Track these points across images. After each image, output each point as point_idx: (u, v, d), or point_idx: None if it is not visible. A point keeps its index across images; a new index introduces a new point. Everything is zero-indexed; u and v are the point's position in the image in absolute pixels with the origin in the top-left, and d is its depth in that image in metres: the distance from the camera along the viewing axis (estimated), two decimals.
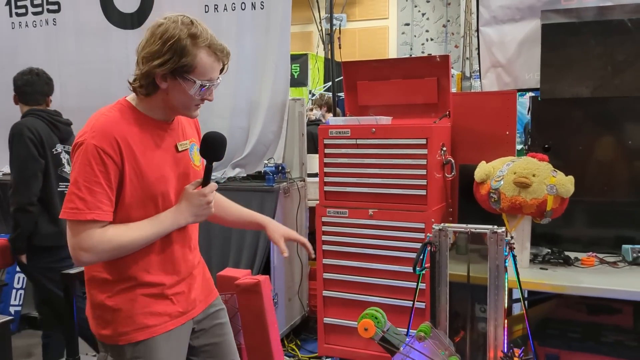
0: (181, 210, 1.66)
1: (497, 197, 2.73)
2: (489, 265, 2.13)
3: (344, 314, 3.13)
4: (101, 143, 1.53)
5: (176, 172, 1.70)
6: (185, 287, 1.75)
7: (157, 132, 1.66)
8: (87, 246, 1.54)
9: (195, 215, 1.68)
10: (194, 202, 1.66)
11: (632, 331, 2.82)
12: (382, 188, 2.99)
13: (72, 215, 1.53)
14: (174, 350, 1.72)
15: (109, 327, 1.66)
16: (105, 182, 1.54)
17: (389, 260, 2.96)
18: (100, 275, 1.66)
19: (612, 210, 3.14)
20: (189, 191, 1.66)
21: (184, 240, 1.75)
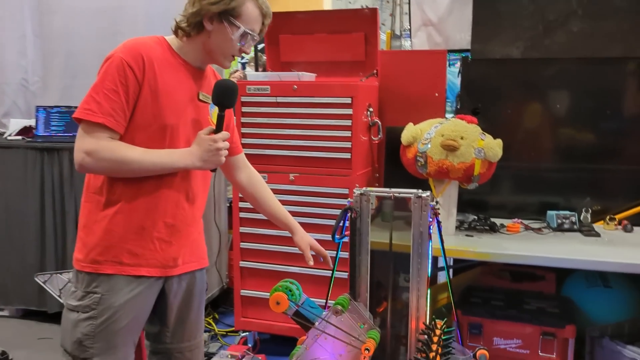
0: (191, 152, 1.65)
1: (423, 160, 2.61)
2: (413, 232, 2.00)
3: (262, 285, 2.96)
4: (128, 57, 1.58)
5: (191, 117, 1.72)
6: (173, 239, 1.72)
7: (185, 74, 1.70)
8: (90, 149, 1.55)
9: (203, 161, 1.66)
10: (203, 146, 1.65)
11: (555, 298, 2.83)
12: (304, 151, 2.80)
13: (84, 115, 1.56)
14: (136, 301, 1.68)
15: (84, 250, 1.66)
16: (124, 95, 1.58)
17: (311, 228, 2.78)
18: (96, 195, 1.66)
19: (537, 176, 3.13)
20: (201, 136, 1.66)
21: (183, 187, 1.72)
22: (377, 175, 3.14)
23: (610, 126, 3.00)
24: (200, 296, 1.89)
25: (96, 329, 1.64)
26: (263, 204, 2.03)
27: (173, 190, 1.70)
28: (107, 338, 1.65)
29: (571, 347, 2.53)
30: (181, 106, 1.68)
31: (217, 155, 1.66)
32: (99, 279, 1.65)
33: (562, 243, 2.60)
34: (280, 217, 2.05)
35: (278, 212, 2.05)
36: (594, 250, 2.47)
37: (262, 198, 2.02)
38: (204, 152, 1.65)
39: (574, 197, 3.08)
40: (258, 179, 2.02)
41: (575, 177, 3.08)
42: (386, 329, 2.21)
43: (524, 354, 2.60)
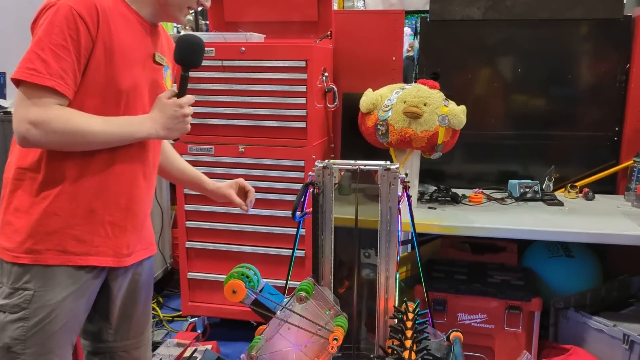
0: (153, 119, 1.43)
1: (385, 129, 2.44)
2: (381, 208, 1.83)
3: (210, 267, 2.74)
4: (79, 7, 1.31)
5: (148, 80, 1.49)
6: (128, 222, 1.50)
7: (141, 31, 1.46)
8: (38, 119, 1.28)
9: (168, 129, 1.44)
10: (167, 112, 1.43)
11: (518, 269, 2.76)
12: (254, 120, 2.57)
13: (28, 76, 1.28)
14: (76, 297, 1.44)
15: (16, 238, 1.39)
16: (75, 52, 1.32)
17: (264, 204, 2.60)
18: (31, 172, 1.39)
19: (497, 144, 3.03)
20: (163, 100, 1.44)
21: (140, 161, 1.50)
22: (332, 146, 2.95)
23: (570, 91, 2.94)
24: (148, 287, 1.67)
25: (28, 331, 1.40)
26: (170, 165, 1.78)
27: (128, 165, 1.47)
28: (41, 342, 1.41)
29: (537, 320, 2.47)
30: (138, 68, 1.45)
31: (183, 123, 1.45)
32: (32, 272, 1.40)
33: (527, 213, 2.52)
34: (191, 175, 1.82)
35: (187, 170, 1.81)
36: (559, 221, 2.39)
37: (170, 159, 1.78)
38: (169, 119, 1.43)
39: (534, 165, 3.02)
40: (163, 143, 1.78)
41: (535, 144, 3.01)
42: (351, 312, 2.06)
43: (489, 328, 2.53)
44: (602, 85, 2.89)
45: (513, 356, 2.42)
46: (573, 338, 2.50)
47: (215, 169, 2.62)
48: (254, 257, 2.67)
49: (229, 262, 2.71)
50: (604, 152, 2.94)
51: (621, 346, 2.31)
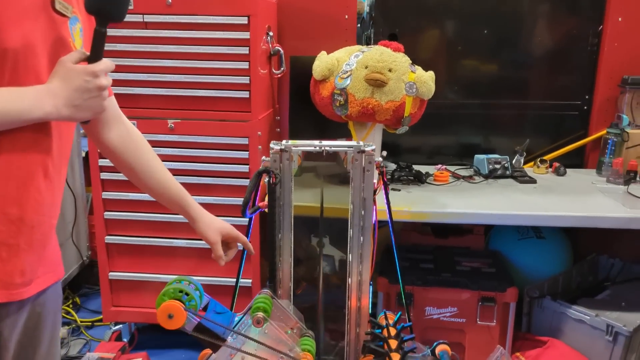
0: (53, 92, 1.00)
1: (343, 99, 2.09)
2: (352, 200, 1.49)
3: (135, 264, 2.33)
4: None
5: (46, 37, 1.04)
6: (21, 240, 1.06)
7: None
8: None
9: (74, 106, 1.02)
10: (74, 82, 1.01)
11: (486, 254, 2.53)
12: (185, 89, 2.14)
13: None
14: None
15: None
16: None
17: (199, 190, 2.20)
18: None
19: (457, 115, 2.76)
20: (68, 65, 1.01)
21: (37, 154, 1.06)
22: (278, 119, 2.57)
23: (538, 56, 2.70)
24: (54, 323, 1.24)
25: None
26: (146, 177, 1.36)
27: (20, 160, 1.04)
28: None
29: (512, 312, 2.25)
30: (28, 19, 1.01)
31: (97, 98, 1.03)
32: None
33: (500, 194, 2.27)
34: (172, 195, 1.40)
35: (169, 187, 1.39)
36: (536, 202, 2.16)
37: (144, 167, 1.35)
38: (76, 93, 1.01)
39: (496, 137, 2.80)
40: (137, 140, 1.35)
41: (499, 114, 2.78)
42: (318, 327, 1.74)
43: (460, 322, 2.29)
44: (571, 49, 2.67)
45: (485, 351, 2.18)
46: (549, 329, 2.30)
47: None
48: (187, 252, 2.28)
49: (158, 258, 2.31)
50: (572, 122, 2.74)
51: (604, 338, 2.12)
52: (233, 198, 2.19)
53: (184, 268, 2.30)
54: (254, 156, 2.16)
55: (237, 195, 2.18)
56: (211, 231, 1.39)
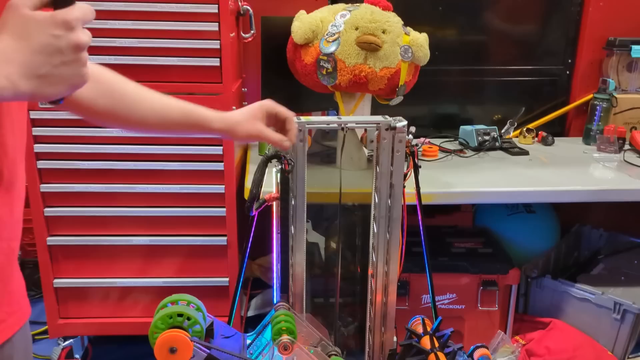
0: (3, 57, 0.62)
1: (331, 66, 1.81)
2: (379, 186, 1.24)
3: (85, 268, 1.98)
4: None
5: None
6: None
7: None
8: None
9: (39, 77, 0.63)
10: (36, 39, 0.63)
11: (476, 232, 2.36)
12: (143, 56, 1.78)
13: None
14: None
15: None
16: None
17: (167, 177, 1.87)
18: None
19: (432, 82, 2.54)
20: (23, 11, 0.63)
21: None
22: (245, 91, 2.25)
23: (517, 17, 2.53)
24: None
25: None
26: (137, 113, 1.04)
27: None
28: None
29: (514, 295, 2.11)
30: None
31: (73, 64, 0.65)
32: None
33: (497, 168, 2.10)
34: (175, 111, 1.08)
35: (168, 104, 1.08)
36: (540, 176, 2.00)
37: (130, 104, 1.03)
38: (40, 55, 0.64)
39: (473, 106, 2.62)
40: (108, 79, 1.02)
41: (475, 81, 2.60)
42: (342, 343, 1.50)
43: (459, 309, 2.12)
44: (553, 9, 2.51)
45: (485, 338, 2.04)
46: (549, 309, 2.18)
47: (86, 131, 1.81)
48: (148, 250, 1.96)
49: (112, 259, 1.97)
50: (554, 88, 2.61)
51: (611, 316, 2.02)
52: (207, 185, 1.88)
53: (144, 269, 1.98)
54: None
55: (211, 182, 1.87)
56: (247, 125, 1.12)
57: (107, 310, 2.04)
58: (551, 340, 2.07)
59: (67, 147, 1.84)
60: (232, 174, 1.87)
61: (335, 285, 1.64)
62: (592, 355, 1.98)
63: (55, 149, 1.84)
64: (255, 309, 2.35)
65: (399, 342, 1.25)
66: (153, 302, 2.07)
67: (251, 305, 2.37)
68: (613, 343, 2.04)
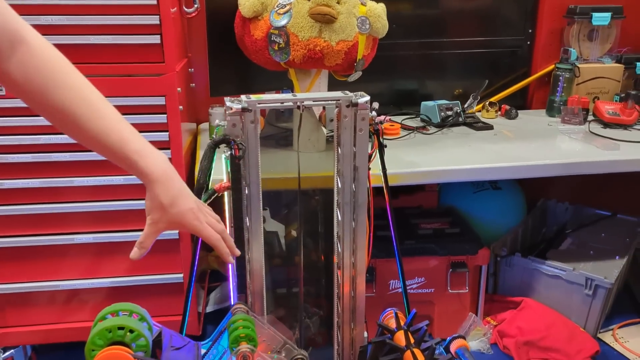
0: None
1: (283, 41, 1.68)
2: (342, 169, 1.12)
3: (24, 271, 1.80)
4: None
5: None
6: None
7: None
8: None
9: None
10: None
11: (442, 212, 2.29)
12: (75, 35, 1.60)
13: None
14: None
15: None
16: None
17: (108, 169, 1.71)
18: None
19: (388, 57, 2.44)
20: None
21: None
22: (191, 71, 2.09)
23: None
24: None
25: None
26: (66, 119, 0.88)
27: None
28: None
29: (484, 275, 2.04)
30: None
31: None
32: None
33: (461, 145, 2.01)
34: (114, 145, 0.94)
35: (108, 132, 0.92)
36: (505, 152, 1.93)
37: (56, 104, 0.87)
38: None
39: (434, 81, 2.53)
40: (42, 61, 0.87)
41: (432, 55, 2.50)
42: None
43: (428, 293, 2.04)
44: None
45: (456, 321, 1.97)
46: (520, 288, 2.13)
47: (17, 120, 1.63)
48: (91, 249, 1.80)
49: (53, 260, 1.80)
50: (514, 60, 2.54)
51: (582, 292, 1.98)
52: None
53: (87, 269, 1.82)
54: (174, 120, 1.70)
55: None
56: None
57: (52, 316, 1.87)
58: (523, 320, 2.02)
59: None
60: (181, 162, 1.73)
61: (298, 276, 1.54)
62: (564, 333, 1.94)
63: None
64: (215, 304, 2.22)
65: (371, 340, 1.15)
66: (101, 305, 1.92)
67: (210, 300, 2.24)
68: (585, 319, 2.00)
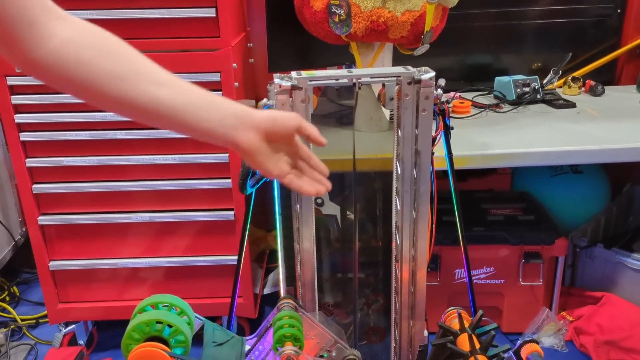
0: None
1: (344, 12, 1.56)
2: (401, 154, 1.02)
3: (84, 248, 1.82)
4: None
5: None
6: None
7: None
8: None
9: None
10: None
11: (515, 197, 2.13)
12: (127, 9, 1.56)
13: None
14: None
15: None
16: None
17: (161, 147, 1.67)
18: None
19: (464, 29, 2.27)
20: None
21: None
22: (250, 46, 2.02)
23: None
24: None
25: None
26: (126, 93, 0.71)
27: None
28: None
29: (560, 267, 1.88)
30: None
31: None
32: None
33: (540, 124, 1.84)
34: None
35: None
36: (590, 133, 1.74)
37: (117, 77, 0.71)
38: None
39: (510, 55, 2.35)
40: (92, 37, 0.73)
41: (511, 27, 2.31)
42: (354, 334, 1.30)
43: (498, 284, 1.90)
44: None
45: (527, 315, 1.83)
46: (601, 282, 1.95)
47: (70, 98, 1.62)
48: (148, 228, 1.78)
49: (111, 239, 1.81)
50: (602, 30, 2.30)
51: None
52: (209, 155, 1.68)
53: (145, 249, 1.81)
54: (229, 97, 1.63)
55: (214, 150, 1.67)
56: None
57: (112, 293, 1.89)
58: (604, 317, 1.85)
59: (53, 116, 1.65)
60: None
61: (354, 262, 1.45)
62: None
63: (40, 118, 1.65)
64: (272, 286, 2.18)
65: (431, 342, 1.05)
66: (160, 283, 1.92)
67: (267, 282, 2.19)
68: None
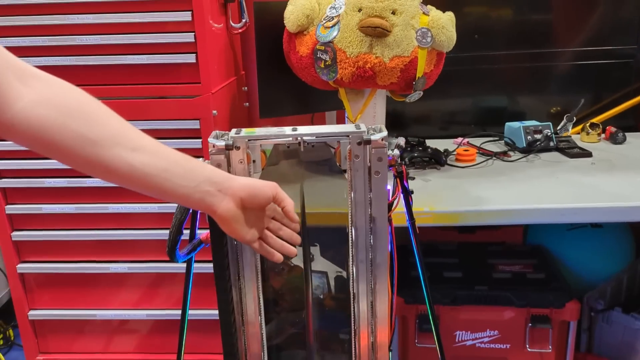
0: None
1: (330, 58, 1.49)
2: (355, 220, 0.91)
3: (63, 297, 1.76)
4: None
5: None
6: None
7: None
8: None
9: None
10: None
11: (527, 252, 1.97)
12: (103, 54, 1.52)
13: None
14: None
15: None
16: None
17: (135, 196, 1.60)
18: None
19: (477, 71, 2.16)
20: None
21: None
22: (245, 89, 1.96)
23: None
24: None
25: None
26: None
27: None
28: None
29: (572, 333, 1.70)
30: None
31: None
32: None
33: (549, 176, 1.68)
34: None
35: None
36: (605, 187, 1.57)
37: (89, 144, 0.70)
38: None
39: (525, 98, 2.22)
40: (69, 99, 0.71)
41: (528, 69, 2.19)
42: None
43: (503, 349, 1.74)
44: None
45: None
46: (620, 349, 1.76)
47: None
48: (134, 278, 1.71)
49: (90, 287, 1.74)
50: (625, 73, 2.15)
51: None
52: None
53: (130, 300, 1.74)
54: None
55: None
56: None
57: (93, 345, 1.82)
58: None
59: (32, 163, 1.61)
60: None
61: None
62: None
63: (19, 165, 1.62)
64: None
65: None
66: (144, 337, 1.84)
67: None
68: None
